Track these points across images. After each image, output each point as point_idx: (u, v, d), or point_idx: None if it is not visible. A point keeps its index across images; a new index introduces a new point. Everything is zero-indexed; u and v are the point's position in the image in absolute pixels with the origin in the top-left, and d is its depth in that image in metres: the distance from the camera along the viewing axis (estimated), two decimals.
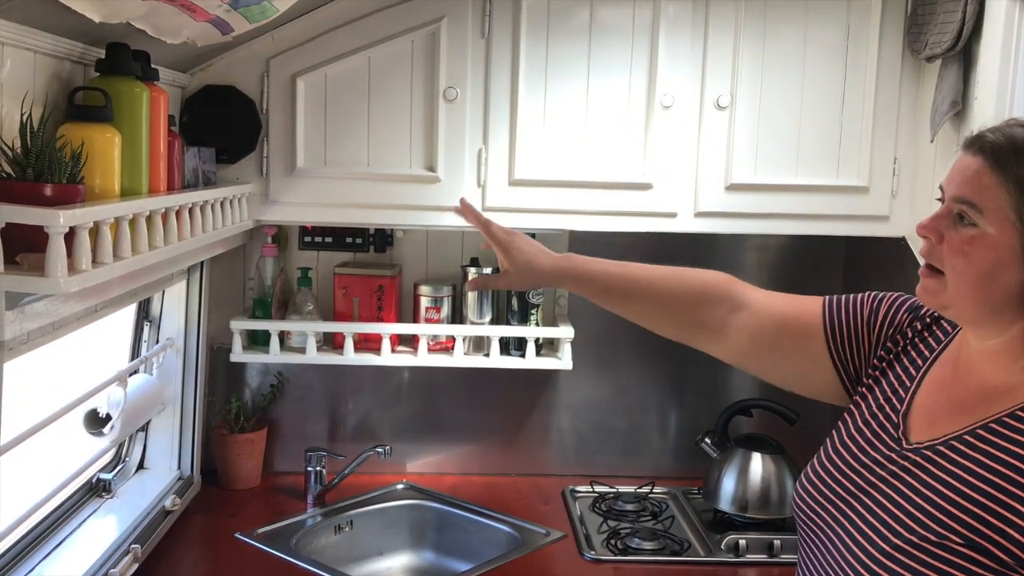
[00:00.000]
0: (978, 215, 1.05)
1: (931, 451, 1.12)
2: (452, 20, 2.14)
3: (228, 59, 2.14)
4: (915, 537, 1.06)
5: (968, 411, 1.11)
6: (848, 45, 2.18)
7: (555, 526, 2.26)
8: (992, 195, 1.04)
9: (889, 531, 1.09)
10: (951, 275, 1.09)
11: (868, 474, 1.17)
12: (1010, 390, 1.09)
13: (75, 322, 1.61)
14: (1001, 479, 1.03)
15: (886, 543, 1.09)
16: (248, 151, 2.17)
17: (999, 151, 1.05)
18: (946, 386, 1.18)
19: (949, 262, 1.09)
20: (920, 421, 1.17)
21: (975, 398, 1.12)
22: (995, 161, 1.05)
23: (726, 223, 2.23)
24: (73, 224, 1.20)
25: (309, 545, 2.21)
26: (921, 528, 1.06)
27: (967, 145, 1.09)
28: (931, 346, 1.24)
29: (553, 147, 2.19)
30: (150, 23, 1.47)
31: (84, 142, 1.35)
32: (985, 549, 1.01)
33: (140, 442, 2.31)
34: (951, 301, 1.10)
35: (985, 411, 1.09)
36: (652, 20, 2.15)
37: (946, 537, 1.04)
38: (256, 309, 2.40)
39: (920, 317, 1.28)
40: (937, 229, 1.10)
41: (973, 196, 1.06)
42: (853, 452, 1.22)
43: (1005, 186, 1.04)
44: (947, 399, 1.16)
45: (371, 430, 2.57)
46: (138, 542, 1.93)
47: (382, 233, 2.51)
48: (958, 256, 1.07)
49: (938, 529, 1.05)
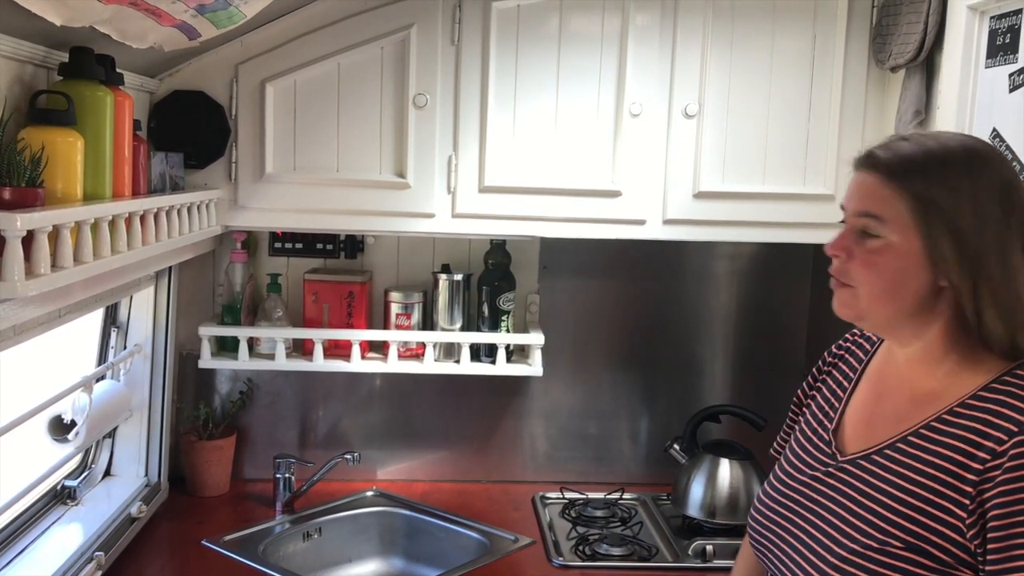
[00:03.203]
0: (881, 226, 1.11)
1: (866, 460, 1.16)
2: (422, 27, 2.14)
3: (197, 64, 2.13)
4: (858, 546, 1.10)
5: (900, 419, 1.16)
6: (815, 55, 2.21)
7: (524, 532, 2.26)
8: (891, 206, 1.10)
9: (834, 543, 1.13)
10: (863, 287, 1.13)
11: (808, 491, 1.22)
12: (937, 395, 1.13)
13: (37, 327, 1.60)
14: (934, 481, 1.07)
15: (832, 555, 1.13)
16: (217, 156, 2.16)
17: (892, 165, 1.11)
18: (876, 398, 1.23)
19: (859, 275, 1.13)
20: (853, 434, 1.22)
21: (906, 406, 1.16)
22: (889, 175, 1.11)
23: (694, 231, 2.25)
24: (31, 228, 1.19)
25: (277, 552, 2.20)
26: (863, 536, 1.10)
27: (860, 164, 1.15)
28: (852, 365, 1.31)
29: (523, 154, 2.19)
30: (114, 27, 1.46)
31: (45, 146, 1.34)
32: (925, 550, 1.05)
33: (107, 448, 2.29)
34: (866, 312, 1.15)
35: (915, 417, 1.14)
36: (621, 29, 2.17)
37: (887, 543, 1.08)
38: (225, 315, 2.39)
39: (833, 350, 1.36)
40: (845, 247, 1.15)
41: (875, 209, 1.11)
42: (792, 474, 1.27)
43: (902, 196, 1.09)
44: (878, 410, 1.21)
45: (341, 437, 2.56)
46: (102, 549, 1.91)
47: (353, 239, 2.51)
48: (867, 268, 1.12)
49: (878, 536, 1.09)
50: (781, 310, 2.64)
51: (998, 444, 1.03)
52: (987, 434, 1.05)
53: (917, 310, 1.12)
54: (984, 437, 1.05)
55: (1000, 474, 1.02)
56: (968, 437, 1.07)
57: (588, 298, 2.61)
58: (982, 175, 1.09)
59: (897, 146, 1.13)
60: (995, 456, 1.03)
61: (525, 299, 2.57)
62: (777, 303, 2.64)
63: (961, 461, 1.06)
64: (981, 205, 1.07)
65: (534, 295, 2.58)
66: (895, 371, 1.21)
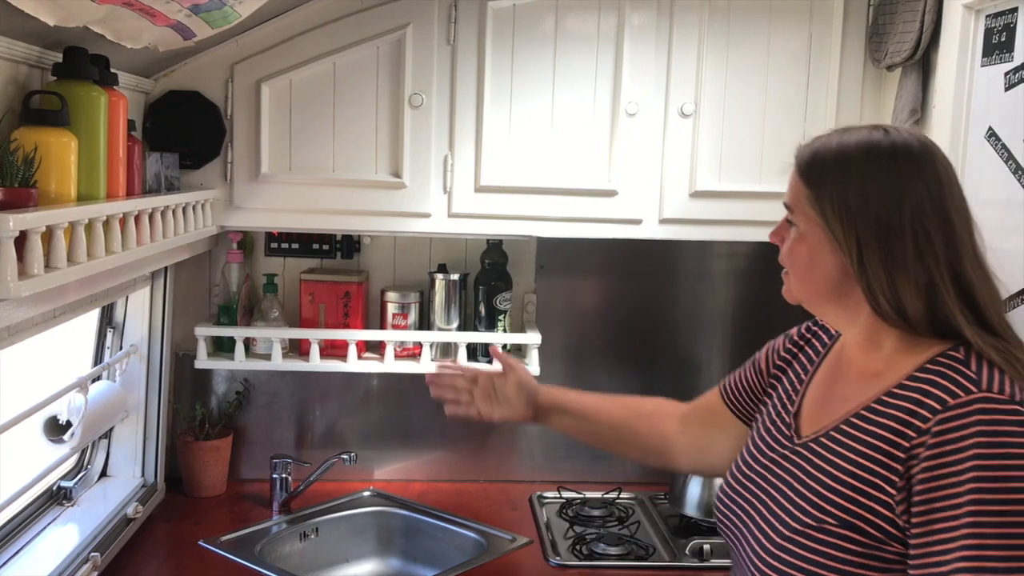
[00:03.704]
0: (794, 216, 1.23)
1: (815, 443, 1.23)
2: (418, 26, 2.14)
3: (192, 64, 2.13)
4: (799, 524, 1.17)
5: (847, 401, 1.22)
6: (811, 54, 2.21)
7: (521, 532, 2.26)
8: (799, 197, 1.22)
9: (779, 523, 1.20)
10: (790, 272, 1.27)
11: (767, 472, 1.29)
12: (879, 376, 1.20)
13: (32, 328, 1.59)
14: (869, 460, 1.13)
15: (777, 534, 1.19)
16: (212, 157, 2.16)
17: (803, 161, 1.22)
18: (829, 383, 1.30)
19: (787, 261, 1.26)
20: (810, 417, 1.29)
21: (853, 389, 1.23)
22: (799, 169, 1.22)
23: (690, 230, 2.25)
24: (24, 228, 1.19)
25: (274, 552, 2.20)
26: (804, 515, 1.17)
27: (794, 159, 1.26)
28: (817, 349, 1.39)
29: (519, 154, 2.19)
30: (108, 27, 1.46)
31: (38, 146, 1.34)
32: (858, 527, 1.11)
33: (103, 449, 2.29)
34: (797, 295, 1.27)
35: (859, 399, 1.20)
36: (617, 28, 2.17)
37: (824, 520, 1.14)
38: (221, 315, 2.39)
39: (800, 332, 1.46)
40: (779, 235, 1.27)
41: (789, 201, 1.24)
42: (755, 456, 1.33)
43: (807, 189, 1.20)
44: (831, 393, 1.28)
45: (338, 437, 2.56)
46: (98, 550, 1.91)
47: (349, 239, 2.51)
48: (789, 255, 1.25)
49: (817, 514, 1.15)
50: (777, 309, 2.61)
51: (923, 422, 1.09)
52: (915, 412, 1.10)
53: (837, 294, 1.21)
54: (913, 416, 1.10)
55: (924, 451, 1.07)
56: (900, 417, 1.12)
57: (585, 298, 2.61)
58: (880, 170, 1.17)
59: (813, 143, 1.24)
60: (920, 434, 1.08)
61: (522, 299, 2.56)
62: (773, 302, 2.61)
63: (893, 440, 1.11)
64: (873, 194, 1.15)
65: (531, 295, 2.58)
66: (846, 355, 1.29)
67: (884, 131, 1.20)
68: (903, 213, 1.14)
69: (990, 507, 1.02)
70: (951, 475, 1.04)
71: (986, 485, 1.02)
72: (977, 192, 1.83)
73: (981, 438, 1.04)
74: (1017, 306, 1.67)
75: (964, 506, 1.03)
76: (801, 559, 1.14)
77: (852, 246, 1.16)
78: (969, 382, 1.09)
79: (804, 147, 1.24)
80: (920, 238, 1.14)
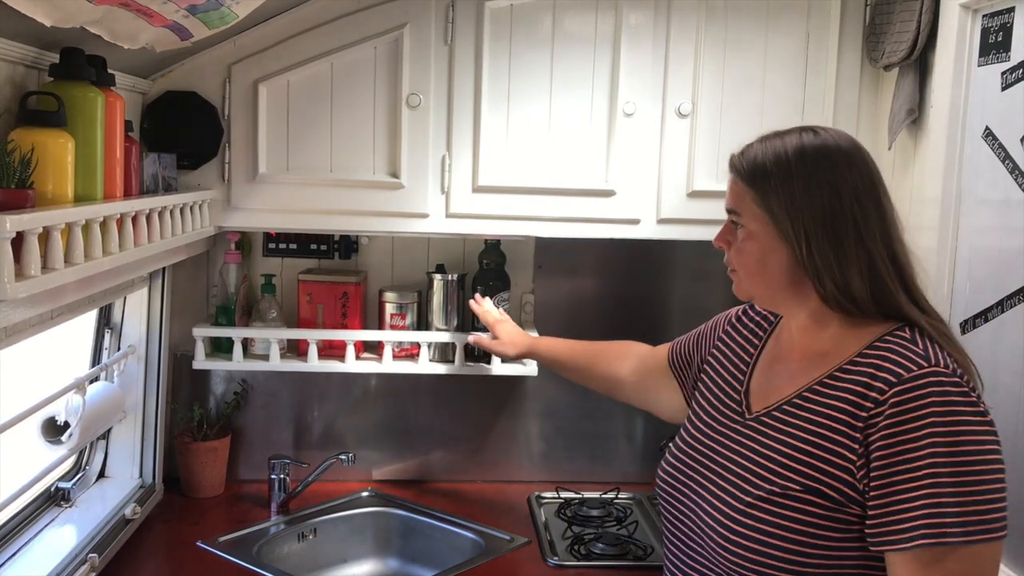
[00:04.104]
0: (741, 218, 1.34)
1: (768, 417, 1.35)
2: (415, 27, 2.14)
3: (189, 65, 2.13)
4: (762, 491, 1.28)
5: (795, 379, 1.35)
6: (808, 54, 2.21)
7: (520, 532, 2.26)
8: (745, 200, 1.33)
9: (739, 490, 1.31)
10: (740, 271, 1.37)
11: (718, 446, 1.40)
12: (825, 355, 1.32)
13: (29, 329, 1.60)
14: (827, 430, 1.25)
15: (738, 501, 1.30)
16: (210, 157, 2.16)
17: (743, 167, 1.34)
18: (775, 363, 1.43)
19: (736, 261, 1.37)
20: (758, 395, 1.41)
21: (799, 367, 1.36)
22: (740, 174, 1.34)
23: (688, 230, 2.25)
24: (20, 229, 1.19)
25: (272, 553, 2.20)
26: (766, 483, 1.28)
27: (729, 168, 1.37)
28: (751, 340, 1.51)
29: (517, 154, 2.19)
30: (105, 28, 1.46)
31: (35, 147, 1.34)
32: (820, 491, 1.23)
33: (101, 450, 2.29)
34: (749, 291, 1.39)
35: (809, 376, 1.32)
36: (614, 29, 2.17)
37: (787, 487, 1.26)
38: (219, 316, 2.38)
39: (738, 316, 1.58)
40: (725, 239, 1.38)
41: (735, 205, 1.35)
42: (704, 431, 1.44)
43: (751, 191, 1.32)
44: (777, 372, 1.40)
45: (336, 437, 2.56)
46: (96, 551, 1.91)
47: (347, 240, 2.51)
48: (739, 254, 1.36)
49: (780, 481, 1.26)
50: None
51: (880, 394, 1.21)
52: (871, 385, 1.23)
53: (788, 284, 1.32)
54: (869, 388, 1.23)
55: (882, 420, 1.19)
56: (855, 390, 1.24)
57: (583, 298, 2.61)
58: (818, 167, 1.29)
59: (748, 151, 1.35)
60: (878, 404, 1.21)
61: (520, 299, 2.56)
62: None
63: (850, 411, 1.24)
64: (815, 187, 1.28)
65: (529, 295, 2.58)
66: (788, 337, 1.41)
67: (814, 132, 1.33)
68: (843, 201, 1.27)
69: (946, 469, 1.15)
70: (909, 441, 1.17)
71: (941, 450, 1.15)
72: (974, 191, 1.84)
73: (936, 407, 1.17)
74: (1015, 305, 1.68)
75: (923, 469, 1.15)
76: (766, 523, 1.25)
77: (800, 237, 1.27)
78: (920, 358, 1.22)
79: (739, 155, 1.36)
80: (860, 223, 1.27)
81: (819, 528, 1.23)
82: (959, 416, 1.17)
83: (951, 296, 1.88)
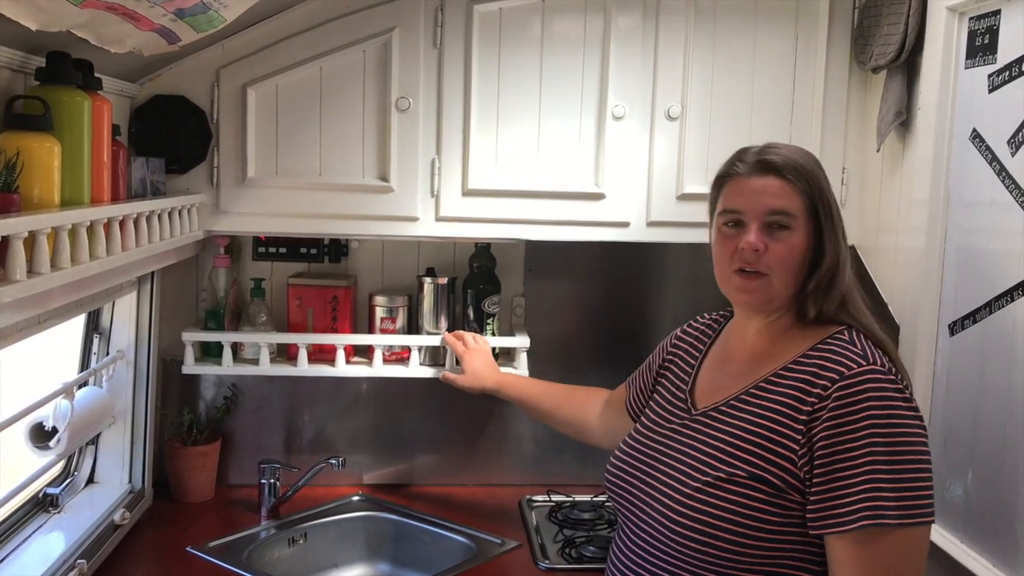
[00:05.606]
0: (791, 219, 1.40)
1: (716, 411, 1.45)
2: (404, 30, 2.14)
3: (177, 69, 2.12)
4: (709, 477, 1.37)
5: (741, 377, 1.45)
6: (796, 56, 2.22)
7: (511, 536, 2.26)
8: (794, 199, 1.41)
9: (687, 477, 1.40)
10: (780, 271, 1.41)
11: (666, 440, 1.49)
12: (771, 356, 1.44)
13: (16, 334, 1.58)
14: (772, 423, 1.36)
15: (686, 487, 1.39)
16: (198, 161, 2.16)
17: (788, 169, 1.41)
18: (722, 364, 1.53)
19: (773, 263, 1.41)
20: (704, 393, 1.52)
21: (745, 367, 1.47)
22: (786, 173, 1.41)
23: (678, 232, 2.25)
24: (6, 233, 1.18)
25: (262, 558, 2.19)
26: (713, 470, 1.38)
27: (757, 169, 1.43)
28: (704, 341, 1.62)
29: (506, 157, 2.19)
30: (92, 32, 1.45)
31: (21, 151, 1.33)
32: (764, 478, 1.34)
33: (90, 455, 2.28)
34: (776, 294, 1.43)
35: (754, 375, 1.43)
36: (603, 31, 2.17)
37: (733, 474, 1.35)
38: (209, 320, 2.38)
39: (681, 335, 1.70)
40: (763, 242, 1.41)
41: (784, 205, 1.40)
42: (652, 428, 1.55)
43: (800, 193, 1.41)
44: (724, 373, 1.51)
45: (327, 442, 2.55)
46: (85, 557, 1.90)
47: (337, 243, 2.50)
48: (789, 252, 1.40)
49: (725, 468, 1.36)
50: None
51: (824, 390, 1.32)
52: (814, 383, 1.34)
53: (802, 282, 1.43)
54: (812, 385, 1.34)
55: (825, 413, 1.31)
56: (800, 386, 1.36)
57: (574, 300, 2.61)
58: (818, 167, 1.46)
59: (766, 153, 1.43)
60: (821, 399, 1.32)
61: (510, 302, 2.56)
62: None
63: (794, 405, 1.35)
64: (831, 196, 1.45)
65: (519, 298, 2.58)
66: (739, 339, 1.52)
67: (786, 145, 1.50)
68: (834, 199, 1.45)
69: (883, 457, 1.26)
70: (850, 432, 1.28)
71: (879, 440, 1.27)
72: (962, 194, 1.85)
73: (874, 402, 1.29)
74: (1003, 306, 1.68)
75: (863, 457, 1.27)
76: (713, 507, 1.35)
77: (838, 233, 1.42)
78: (859, 357, 1.34)
79: (769, 158, 1.42)
80: (839, 219, 1.44)
81: (762, 512, 1.33)
82: (895, 410, 1.29)
83: (939, 298, 1.88)
